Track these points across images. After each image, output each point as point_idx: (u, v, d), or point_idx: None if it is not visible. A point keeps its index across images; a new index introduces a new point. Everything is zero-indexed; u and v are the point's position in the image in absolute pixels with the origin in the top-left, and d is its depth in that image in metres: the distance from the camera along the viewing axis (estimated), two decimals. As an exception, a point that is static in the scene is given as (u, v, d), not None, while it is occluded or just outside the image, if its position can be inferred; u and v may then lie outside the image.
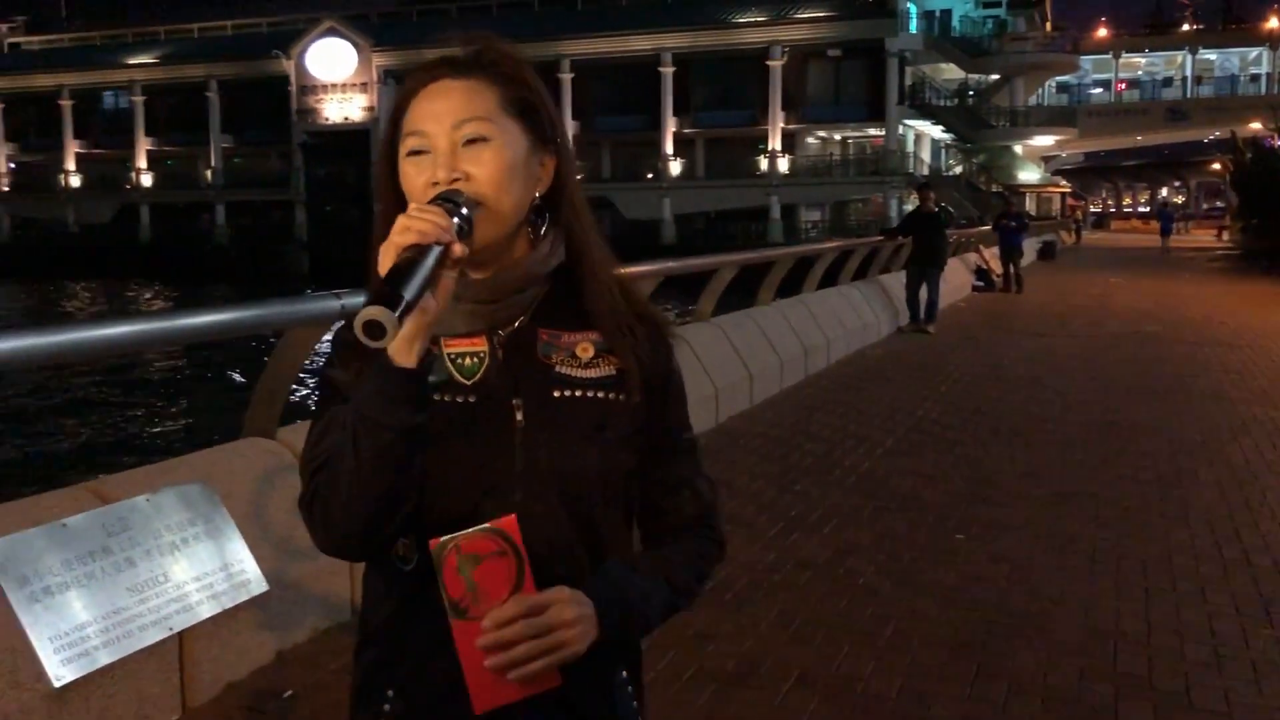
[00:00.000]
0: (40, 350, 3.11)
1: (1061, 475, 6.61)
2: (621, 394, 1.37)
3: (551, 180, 1.38)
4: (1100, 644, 4.03)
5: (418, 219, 1.18)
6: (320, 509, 1.27)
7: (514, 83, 1.35)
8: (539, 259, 1.36)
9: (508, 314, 1.36)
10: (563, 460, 1.33)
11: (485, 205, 1.29)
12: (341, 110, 52.06)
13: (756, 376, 8.65)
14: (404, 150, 1.32)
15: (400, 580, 1.35)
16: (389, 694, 1.36)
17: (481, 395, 1.33)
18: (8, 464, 13.04)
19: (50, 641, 2.92)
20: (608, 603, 1.31)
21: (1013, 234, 20.21)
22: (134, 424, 15.69)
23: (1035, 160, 56.20)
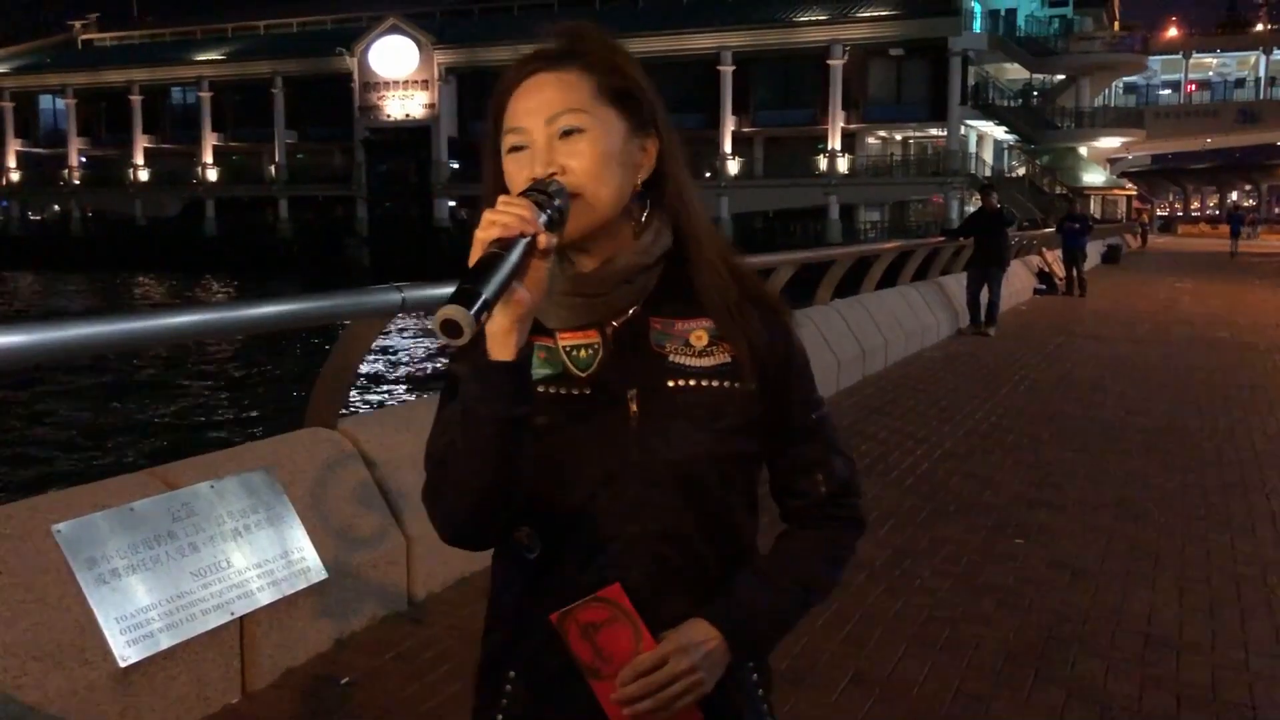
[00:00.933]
0: (111, 337, 3.20)
1: (1124, 481, 6.50)
2: (736, 381, 1.36)
3: (654, 165, 1.37)
4: (1162, 653, 3.95)
5: (502, 213, 1.18)
6: (438, 501, 1.29)
7: (608, 70, 1.35)
8: (643, 248, 1.36)
9: (619, 304, 1.35)
10: (678, 450, 1.33)
11: (583, 196, 1.29)
12: (403, 107, 52.57)
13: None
14: (505, 147, 1.33)
15: (525, 568, 1.38)
16: (511, 674, 1.40)
17: (596, 387, 1.34)
18: (78, 448, 13.37)
19: (117, 622, 2.99)
20: (737, 628, 1.34)
21: (1076, 236, 19.88)
22: (200, 412, 16.00)
23: (1101, 162, 55.24)
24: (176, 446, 12.30)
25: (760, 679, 1.46)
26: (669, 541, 1.33)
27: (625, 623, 1.29)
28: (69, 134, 60.03)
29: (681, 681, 1.28)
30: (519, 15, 54.33)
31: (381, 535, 4.02)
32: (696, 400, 1.34)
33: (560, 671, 1.35)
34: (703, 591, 1.36)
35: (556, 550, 1.35)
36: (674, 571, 1.32)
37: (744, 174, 48.20)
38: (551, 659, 1.35)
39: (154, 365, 19.87)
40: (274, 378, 18.92)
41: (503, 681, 1.41)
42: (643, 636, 1.29)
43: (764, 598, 1.38)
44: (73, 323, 3.05)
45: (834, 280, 10.20)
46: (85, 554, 3.01)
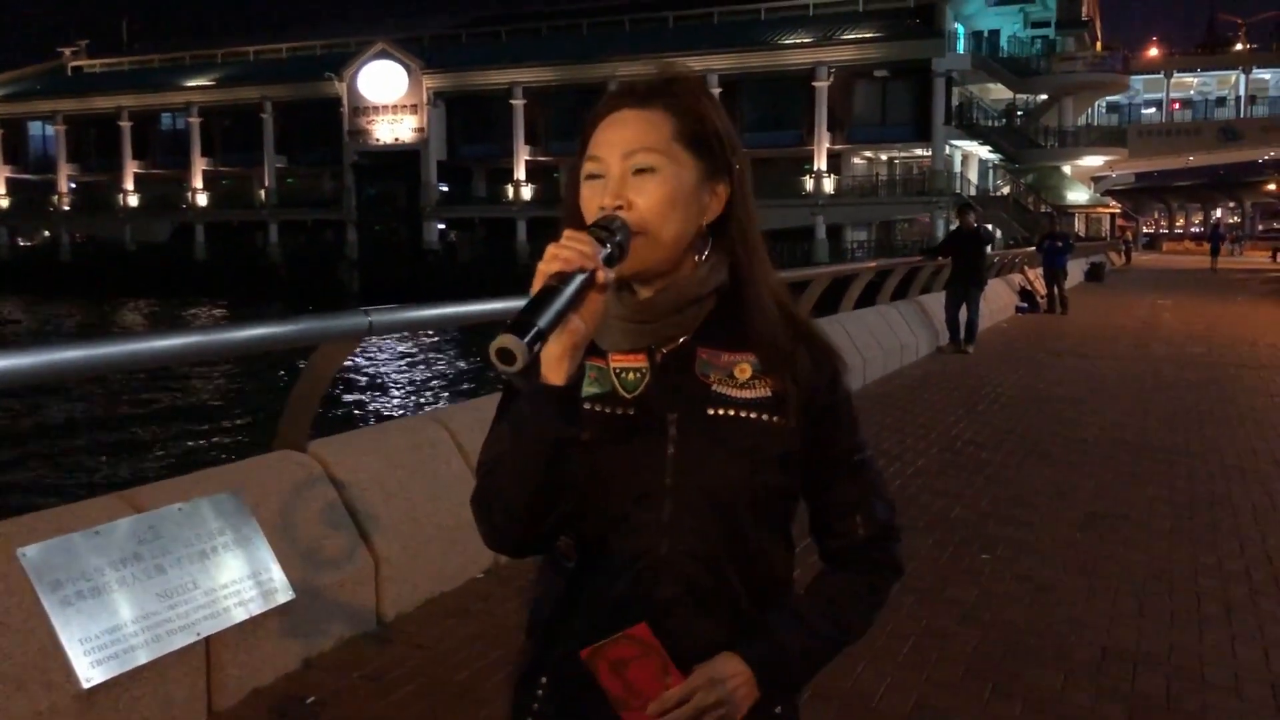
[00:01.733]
0: (81, 362, 3.25)
1: (1093, 496, 6.58)
2: (776, 415, 1.41)
3: (723, 208, 1.43)
4: (1119, 665, 4.02)
5: (565, 248, 1.24)
6: (485, 508, 1.36)
7: (690, 115, 1.40)
8: (698, 280, 1.41)
9: (669, 332, 1.41)
10: (712, 476, 1.38)
11: (647, 233, 1.35)
12: (392, 131, 52.77)
13: (790, 396, 8.67)
14: (583, 174, 1.41)
15: (563, 576, 1.44)
16: (543, 680, 1.46)
17: (640, 408, 1.39)
18: (47, 472, 13.42)
19: (80, 644, 3.04)
20: (768, 666, 1.39)
21: (1057, 254, 20.04)
22: (172, 436, 16.09)
23: (1084, 180, 55.64)
24: (146, 470, 12.37)
25: (785, 712, 1.49)
26: (698, 563, 1.38)
27: (653, 658, 1.35)
28: (58, 160, 60.14)
29: (709, 716, 1.34)
30: (507, 40, 54.70)
31: (350, 556, 4.07)
32: (735, 430, 1.39)
33: (588, 681, 1.40)
34: (731, 617, 1.41)
35: (591, 562, 1.40)
36: (703, 594, 1.38)
37: (731, 195, 48.32)
38: (577, 670, 1.41)
39: (126, 389, 19.93)
40: (247, 401, 19.01)
41: (535, 687, 1.47)
42: (670, 671, 1.35)
43: (798, 638, 1.43)
44: (36, 348, 3.11)
45: (811, 300, 10.28)
46: (50, 577, 3.06)
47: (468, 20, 60.58)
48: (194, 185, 56.82)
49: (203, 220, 56.45)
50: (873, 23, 47.68)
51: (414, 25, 60.42)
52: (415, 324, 4.51)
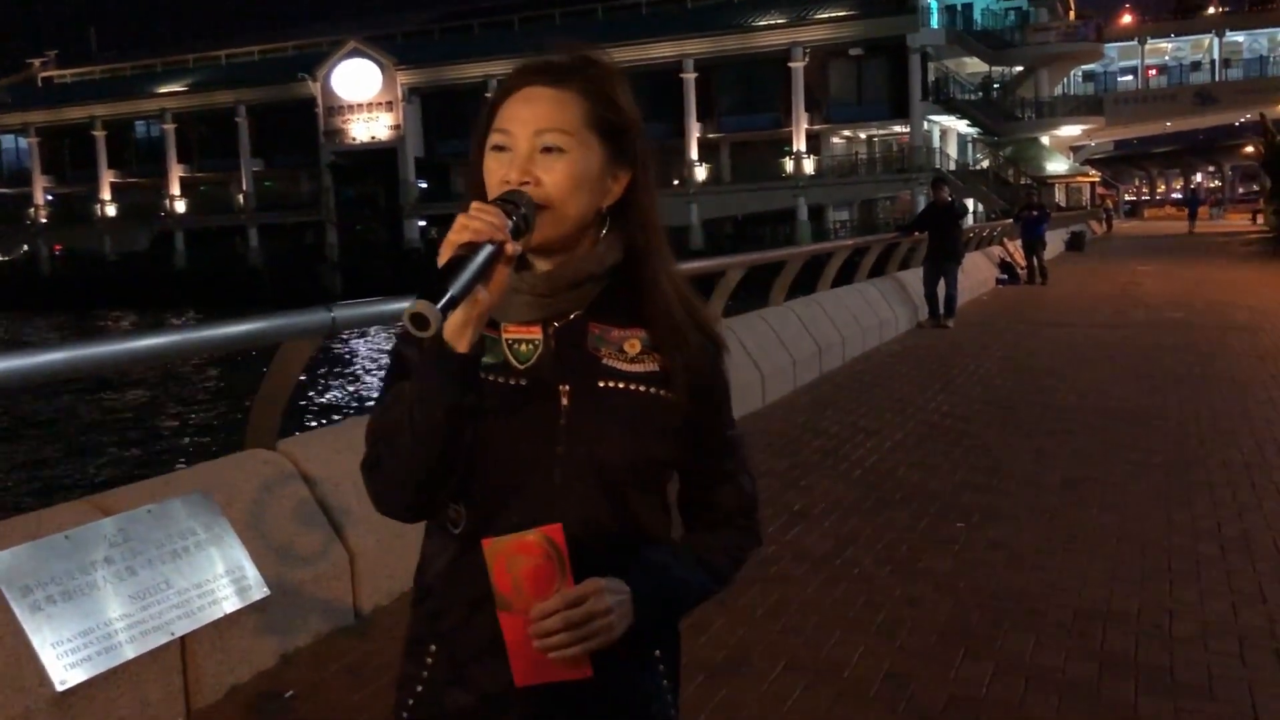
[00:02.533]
0: (47, 366, 3.27)
1: (1070, 463, 6.63)
2: (662, 389, 1.45)
3: (622, 193, 1.47)
4: (1089, 624, 4.07)
5: (475, 218, 1.28)
6: (379, 475, 1.39)
7: (603, 100, 1.43)
8: (595, 258, 1.45)
9: (564, 307, 1.45)
10: (600, 445, 1.42)
11: (550, 209, 1.39)
12: (368, 129, 52.62)
13: (768, 376, 8.71)
14: (489, 144, 1.43)
15: (451, 543, 1.47)
16: (432, 647, 1.48)
17: (532, 379, 1.43)
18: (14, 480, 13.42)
19: (53, 647, 3.06)
20: (646, 590, 1.41)
21: (1034, 225, 20.12)
22: (142, 439, 16.14)
23: (1063, 151, 55.76)
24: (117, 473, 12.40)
25: (667, 668, 1.54)
26: (587, 528, 1.41)
27: (553, 563, 1.34)
28: (33, 173, 59.77)
29: (598, 620, 1.34)
30: (479, 34, 54.49)
31: (324, 551, 4.10)
32: (623, 402, 1.44)
33: (476, 650, 1.43)
34: None
35: (481, 529, 1.42)
36: (591, 558, 1.40)
37: (711, 180, 48.45)
38: (469, 635, 1.43)
39: (95, 393, 19.92)
40: (217, 402, 19.05)
41: (425, 655, 1.49)
42: (568, 579, 1.35)
43: (673, 571, 1.46)
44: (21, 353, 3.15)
45: (787, 281, 10.32)
46: (20, 583, 3.08)
47: (440, 15, 60.32)
48: (171, 192, 56.60)
49: (182, 227, 56.23)
50: (846, 1, 47.66)
51: (386, 22, 60.20)
52: (380, 318, 4.52)
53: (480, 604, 1.40)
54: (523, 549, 1.34)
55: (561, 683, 1.39)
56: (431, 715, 1.48)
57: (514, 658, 1.37)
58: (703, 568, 1.51)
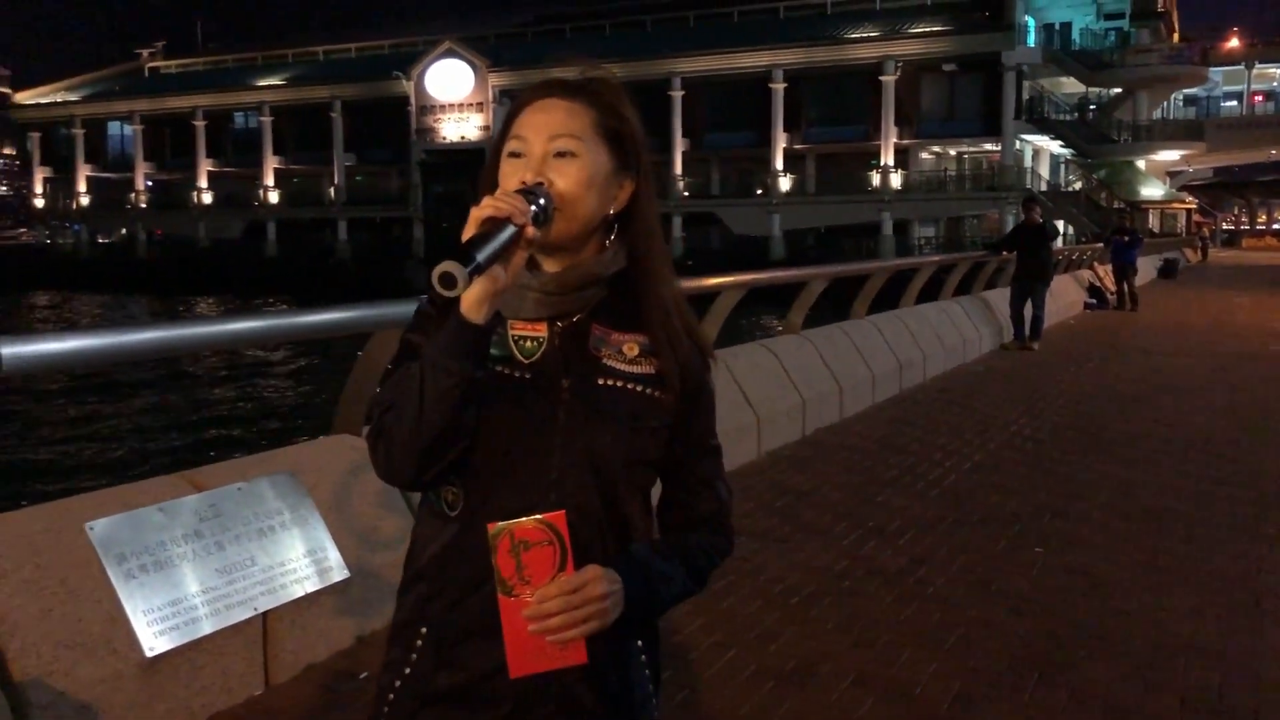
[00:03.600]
0: (150, 344, 3.41)
1: (1154, 493, 6.48)
2: (656, 390, 1.54)
3: (627, 202, 1.56)
4: (1171, 659, 3.98)
5: (501, 200, 1.39)
6: (384, 442, 1.46)
7: (610, 111, 1.54)
8: (601, 262, 1.54)
9: (569, 308, 1.53)
10: (596, 439, 1.50)
11: (562, 210, 1.48)
12: (458, 129, 53.34)
13: (847, 390, 8.66)
14: (505, 151, 1.53)
15: (446, 527, 1.53)
16: (422, 630, 1.53)
17: (535, 374, 1.51)
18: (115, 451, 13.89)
19: (144, 615, 3.17)
20: (633, 582, 1.48)
21: (1125, 250, 19.67)
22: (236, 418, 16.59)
23: (1159, 175, 54.38)
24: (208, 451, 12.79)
25: (649, 659, 1.61)
26: (579, 518, 1.47)
27: (555, 550, 1.41)
28: (136, 159, 61.68)
29: (594, 605, 1.41)
30: (571, 37, 54.96)
31: (403, 538, 4.14)
32: (620, 399, 1.52)
33: (462, 633, 1.49)
34: None
35: (473, 515, 1.49)
36: (582, 547, 1.46)
37: (796, 191, 48.22)
38: (458, 619, 1.50)
39: (193, 373, 20.52)
40: (308, 387, 19.49)
41: (414, 638, 1.54)
42: (569, 564, 1.41)
43: (657, 566, 1.53)
44: (107, 330, 3.26)
45: (869, 295, 10.24)
46: (116, 551, 3.20)
47: (534, 18, 61.00)
48: (265, 183, 57.94)
49: (274, 217, 57.55)
50: (941, 16, 47.14)
51: (480, 24, 61.06)
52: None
53: (475, 586, 1.47)
54: (526, 534, 1.40)
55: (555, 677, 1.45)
56: (418, 697, 1.53)
57: (510, 644, 1.42)
58: (684, 566, 1.58)
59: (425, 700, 1.52)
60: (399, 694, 1.54)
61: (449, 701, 1.51)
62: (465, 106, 53.17)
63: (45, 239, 67.23)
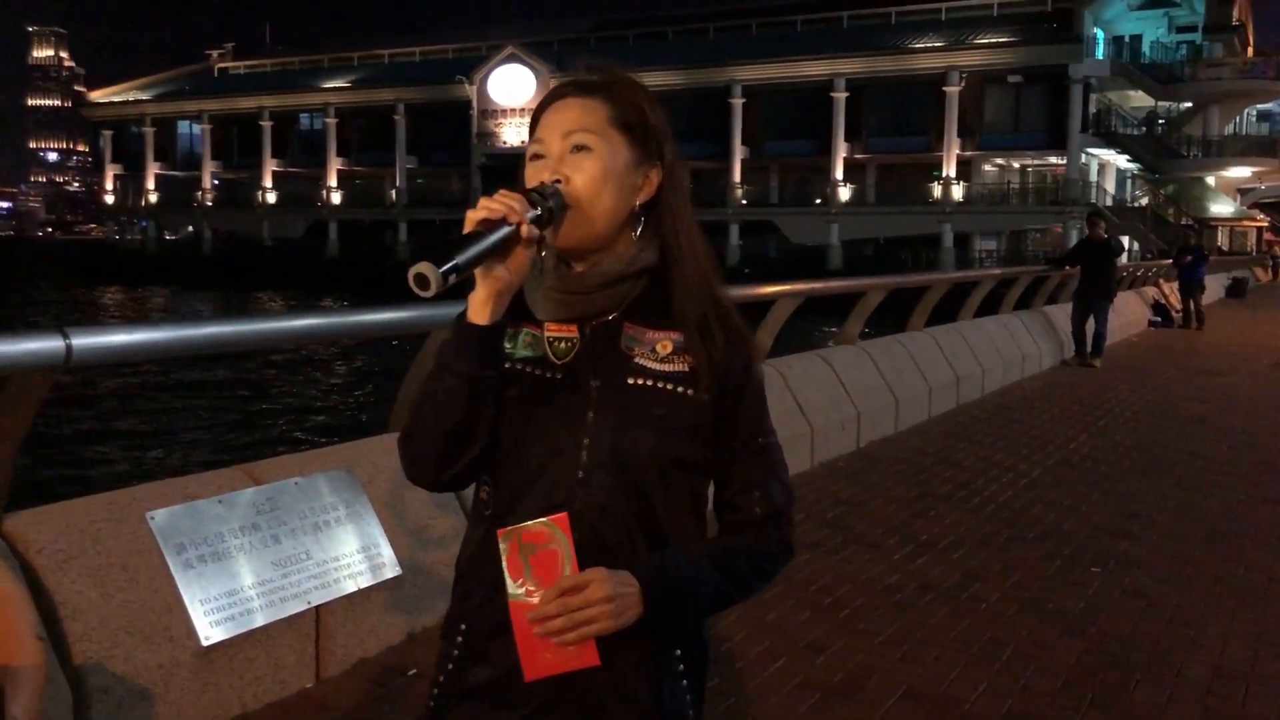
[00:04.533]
0: (212, 338, 3.48)
1: (1216, 514, 6.34)
2: (690, 389, 1.50)
3: (654, 192, 1.54)
4: (1230, 686, 3.89)
5: (496, 200, 1.38)
6: (408, 442, 1.48)
7: (626, 104, 1.53)
8: (626, 259, 1.51)
9: (599, 307, 1.51)
10: (624, 439, 1.48)
11: (579, 207, 1.46)
12: (519, 134, 53.66)
13: (903, 402, 8.58)
14: (528, 154, 1.54)
15: (480, 525, 1.55)
16: (462, 626, 1.55)
17: (566, 373, 1.50)
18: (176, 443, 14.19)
19: (201, 604, 3.22)
20: (655, 585, 1.44)
21: (1192, 268, 19.29)
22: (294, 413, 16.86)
23: (1230, 192, 53.25)
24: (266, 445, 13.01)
25: (687, 669, 1.56)
26: (605, 517, 1.47)
27: (560, 551, 1.41)
28: (203, 158, 62.94)
29: (594, 608, 1.39)
30: (634, 44, 55.11)
31: (455, 537, 4.20)
32: (649, 398, 1.49)
33: (490, 629, 1.49)
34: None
35: (502, 514, 1.50)
36: (607, 546, 1.46)
37: (855, 200, 47.92)
38: (487, 615, 1.50)
39: (251, 369, 20.86)
40: (365, 385, 19.75)
41: (456, 634, 1.55)
42: (571, 566, 1.41)
43: (687, 571, 1.48)
44: (182, 324, 3.34)
45: (928, 307, 10.15)
46: (175, 540, 3.26)
47: (597, 25, 61.36)
48: (329, 184, 58.78)
49: (336, 218, 58.36)
50: (1007, 27, 46.63)
51: (543, 29, 61.44)
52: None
53: (500, 584, 1.46)
54: (532, 537, 1.41)
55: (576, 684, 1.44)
56: (457, 691, 1.54)
57: (521, 648, 1.42)
58: (719, 571, 1.52)
59: (462, 695, 1.53)
60: (442, 688, 1.56)
61: (481, 697, 1.51)
62: (526, 111, 53.25)
63: (114, 235, 68.82)
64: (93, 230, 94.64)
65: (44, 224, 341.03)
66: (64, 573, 2.98)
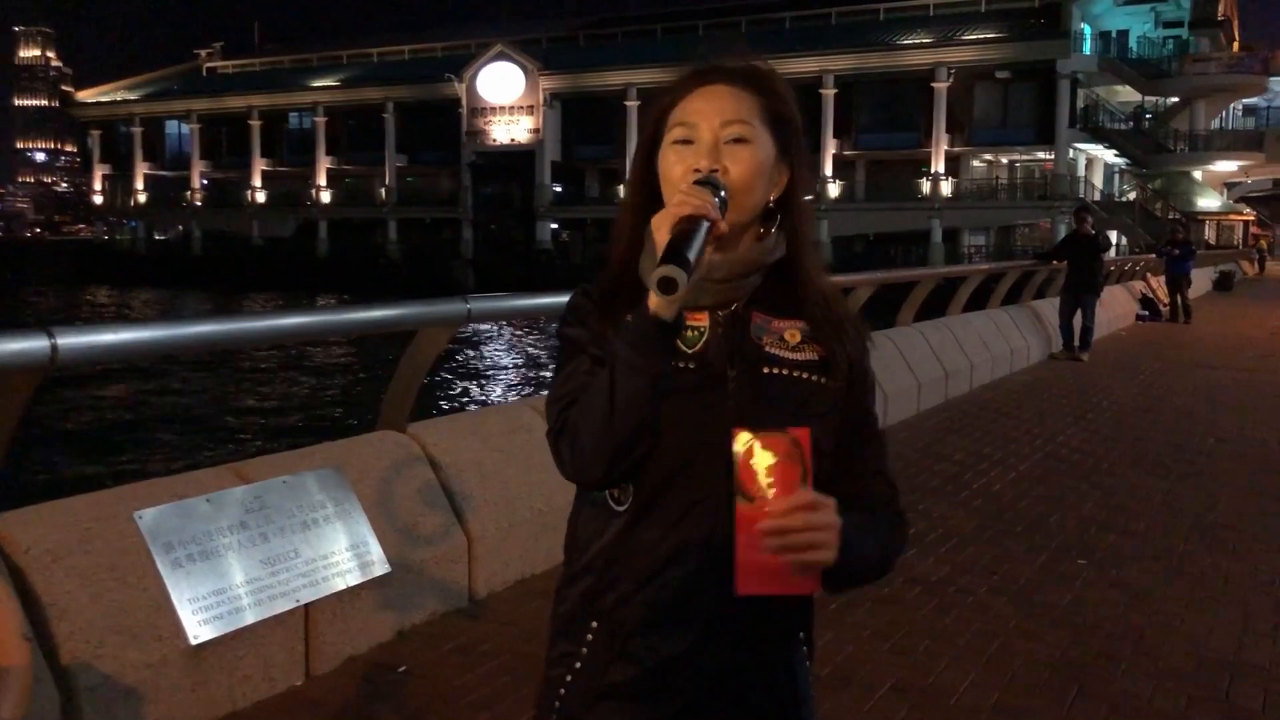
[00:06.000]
0: (201, 337, 3.48)
1: (1203, 508, 6.38)
2: (823, 377, 1.51)
3: (784, 189, 1.55)
4: (1214, 674, 3.92)
5: (693, 196, 1.37)
6: (569, 439, 1.44)
7: (775, 97, 1.53)
8: (767, 249, 1.52)
9: (730, 296, 1.51)
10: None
11: (735, 197, 1.45)
12: (509, 132, 53.66)
13: (891, 397, 8.61)
14: (670, 139, 1.50)
15: (613, 520, 1.51)
16: (593, 624, 1.52)
17: (701, 364, 1.48)
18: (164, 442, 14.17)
19: (189, 603, 3.23)
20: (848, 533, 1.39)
21: (1179, 262, 19.37)
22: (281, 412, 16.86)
23: (1217, 187, 53.51)
24: (254, 444, 13.02)
25: (810, 650, 1.60)
26: None
27: (799, 466, 1.35)
28: (192, 157, 62.73)
29: (826, 533, 1.34)
30: (622, 42, 55.11)
31: (444, 534, 4.22)
32: (787, 387, 1.50)
33: (641, 624, 1.47)
34: None
35: (648, 506, 1.48)
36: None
37: (845, 197, 47.99)
38: (634, 610, 1.48)
39: (239, 368, 20.85)
40: (352, 383, 19.78)
41: (585, 631, 1.52)
42: (809, 483, 1.36)
43: (862, 535, 1.45)
44: (168, 324, 3.35)
45: (916, 301, 10.18)
46: (163, 539, 3.26)
47: (585, 22, 61.32)
48: (318, 183, 58.66)
49: (326, 217, 58.26)
50: (995, 23, 46.71)
51: (532, 27, 61.42)
52: (512, 313, 4.64)
53: (648, 578, 1.45)
54: (772, 445, 1.35)
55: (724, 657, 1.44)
56: (591, 690, 1.51)
57: (741, 560, 1.35)
58: (878, 542, 1.52)
59: (601, 694, 1.50)
60: (571, 687, 1.53)
61: (624, 695, 1.49)
62: (516, 109, 53.47)
63: (104, 235, 68.63)
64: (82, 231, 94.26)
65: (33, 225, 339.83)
66: (51, 573, 2.99)
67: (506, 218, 54.11)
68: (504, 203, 54.35)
